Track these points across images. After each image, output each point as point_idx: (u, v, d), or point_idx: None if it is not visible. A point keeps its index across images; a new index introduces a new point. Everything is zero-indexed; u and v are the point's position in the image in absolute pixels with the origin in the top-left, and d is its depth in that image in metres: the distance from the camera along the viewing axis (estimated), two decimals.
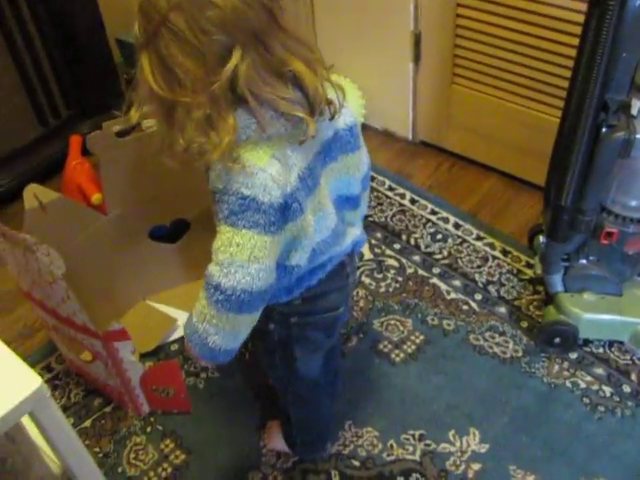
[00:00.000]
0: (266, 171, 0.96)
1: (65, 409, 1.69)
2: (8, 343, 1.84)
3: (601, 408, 1.56)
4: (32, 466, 1.00)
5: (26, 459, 0.98)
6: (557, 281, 1.66)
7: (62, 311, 1.45)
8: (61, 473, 1.03)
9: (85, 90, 2.41)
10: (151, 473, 1.55)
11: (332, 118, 1.05)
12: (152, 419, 1.65)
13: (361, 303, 1.85)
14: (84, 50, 2.35)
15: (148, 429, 1.63)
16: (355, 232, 1.24)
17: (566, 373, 1.63)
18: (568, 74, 1.54)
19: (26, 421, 0.93)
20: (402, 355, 1.72)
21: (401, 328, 1.78)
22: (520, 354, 1.69)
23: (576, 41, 1.48)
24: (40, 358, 1.81)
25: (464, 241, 1.99)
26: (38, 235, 1.31)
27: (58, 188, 1.76)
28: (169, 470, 1.55)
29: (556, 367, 1.65)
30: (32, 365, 1.76)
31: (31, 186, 1.59)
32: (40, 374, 1.75)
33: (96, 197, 1.79)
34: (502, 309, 1.80)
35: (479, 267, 1.91)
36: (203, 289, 1.02)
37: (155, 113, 1.02)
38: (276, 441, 1.55)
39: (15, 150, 2.27)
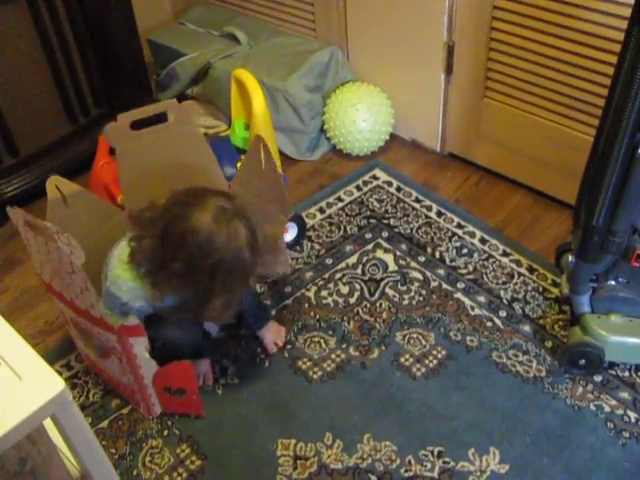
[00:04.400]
0: None
1: (83, 408, 1.68)
2: (29, 339, 1.86)
3: (626, 434, 1.53)
4: (51, 468, 0.99)
5: (46, 460, 0.97)
6: (584, 302, 1.64)
7: (80, 303, 1.45)
8: (80, 476, 1.03)
9: (115, 89, 2.42)
10: (166, 477, 1.54)
11: None
12: (169, 422, 1.64)
13: (384, 315, 1.83)
14: (116, 49, 2.36)
15: (165, 432, 1.62)
16: None
17: (590, 396, 1.61)
18: (603, 92, 1.52)
19: (47, 422, 0.92)
20: (423, 370, 1.70)
21: (423, 342, 1.76)
22: (543, 374, 1.66)
23: (613, 59, 1.45)
24: (60, 355, 1.81)
25: (490, 256, 1.97)
26: (59, 226, 1.31)
27: (85, 186, 1.76)
28: (184, 475, 1.54)
29: (580, 389, 1.62)
30: (52, 362, 1.78)
31: (53, 177, 1.61)
32: (59, 372, 1.77)
33: (122, 197, 1.79)
34: (526, 327, 1.77)
35: (504, 284, 1.89)
36: None
37: None
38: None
39: (44, 147, 2.28)
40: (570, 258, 1.66)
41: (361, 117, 2.28)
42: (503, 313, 1.81)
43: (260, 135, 1.66)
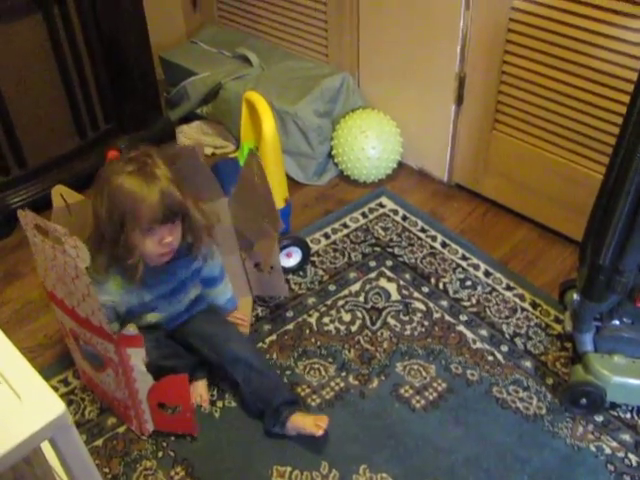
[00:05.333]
0: None
1: (79, 425, 1.67)
2: (28, 353, 1.86)
3: (627, 477, 1.51)
4: None
5: None
6: (587, 340, 1.63)
7: (81, 311, 1.44)
8: None
9: (125, 105, 2.43)
10: None
11: None
12: (164, 444, 1.62)
13: (385, 345, 1.82)
14: (128, 65, 2.37)
15: (160, 454, 1.61)
16: None
17: (591, 436, 1.59)
18: (614, 130, 1.53)
19: (44, 443, 0.91)
20: (423, 402, 1.68)
21: (424, 374, 1.75)
22: (544, 411, 1.65)
23: (625, 98, 1.46)
24: (58, 371, 1.80)
25: (494, 290, 1.96)
26: None
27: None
28: None
29: (580, 429, 1.61)
30: (49, 377, 1.77)
31: (58, 187, 1.62)
32: (56, 387, 1.75)
33: None
34: (528, 363, 1.76)
35: (507, 318, 1.88)
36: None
37: None
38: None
39: (52, 159, 2.28)
40: (575, 296, 1.65)
41: (370, 144, 2.28)
42: (505, 348, 1.80)
43: (254, 151, 1.68)
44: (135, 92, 2.44)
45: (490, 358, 1.78)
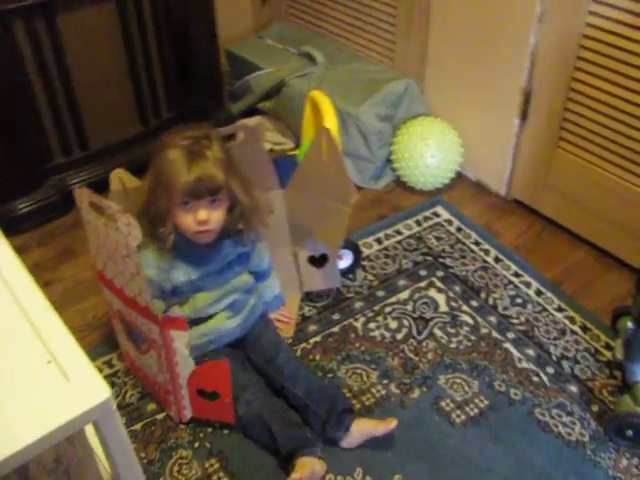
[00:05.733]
0: None
1: (119, 408, 1.69)
2: (76, 332, 1.88)
3: None
4: (85, 470, 0.99)
5: (81, 462, 0.97)
6: (638, 370, 1.59)
7: (129, 291, 1.47)
8: None
9: (189, 95, 2.45)
10: None
11: None
12: (201, 434, 1.63)
13: (429, 355, 1.80)
14: (195, 56, 2.39)
15: (196, 444, 1.62)
16: None
17: (635, 470, 1.55)
18: None
19: (88, 426, 0.92)
20: (463, 417, 1.66)
21: (466, 388, 1.72)
22: (586, 439, 1.61)
23: None
24: (103, 352, 1.82)
25: (544, 310, 1.93)
26: None
27: None
28: None
29: (624, 461, 1.56)
30: (94, 358, 1.79)
31: (118, 170, 1.66)
32: (100, 368, 1.78)
33: None
34: (573, 388, 1.72)
35: (555, 339, 1.84)
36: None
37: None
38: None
39: (113, 144, 2.32)
40: (629, 324, 1.61)
41: (430, 152, 2.26)
42: (551, 370, 1.77)
43: (325, 127, 1.67)
44: (200, 83, 2.46)
45: (535, 379, 1.74)
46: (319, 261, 1.89)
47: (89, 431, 1.06)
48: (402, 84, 2.36)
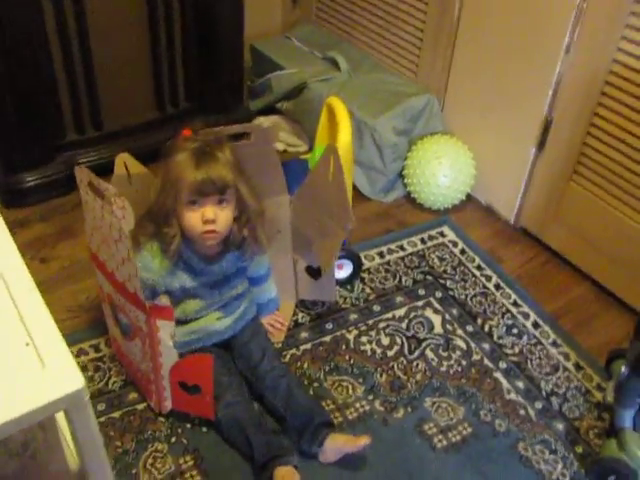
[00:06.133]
0: None
1: (100, 394, 1.68)
2: (66, 312, 1.87)
3: None
4: (53, 456, 0.97)
5: (49, 448, 0.95)
6: (627, 416, 1.56)
7: (119, 275, 1.45)
8: (77, 470, 1.01)
9: (209, 86, 2.43)
10: None
11: None
12: (179, 430, 1.61)
13: (418, 376, 1.78)
14: (219, 48, 2.37)
15: (173, 439, 1.60)
16: None
17: None
18: None
19: (59, 413, 0.90)
20: (445, 442, 1.64)
21: (451, 414, 1.70)
22: (567, 479, 1.59)
23: None
24: (92, 335, 1.81)
25: (539, 343, 1.90)
26: None
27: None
28: None
29: None
30: (82, 340, 1.78)
31: (123, 155, 1.63)
32: (86, 351, 1.76)
33: None
34: (560, 425, 1.70)
35: (547, 374, 1.82)
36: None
37: None
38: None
39: (127, 127, 2.30)
40: (622, 368, 1.58)
41: (442, 171, 2.24)
42: (539, 405, 1.74)
43: (334, 145, 1.65)
44: (221, 75, 2.44)
45: (522, 412, 1.72)
46: (316, 272, 1.87)
47: (60, 417, 1.04)
48: (423, 99, 2.34)
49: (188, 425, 1.63)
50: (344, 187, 1.67)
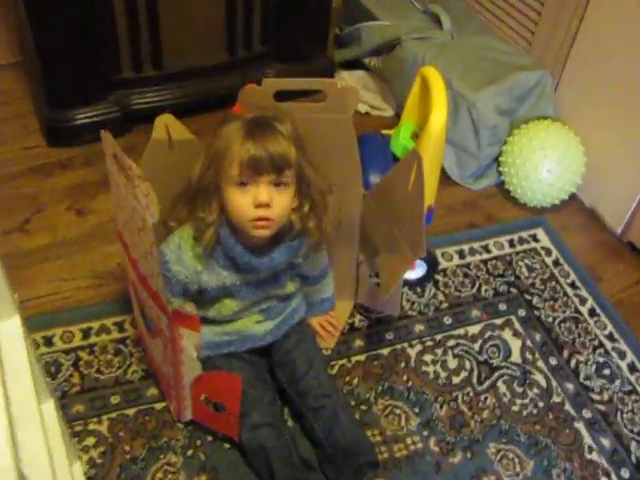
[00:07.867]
0: None
1: (116, 383, 1.47)
2: (95, 277, 1.64)
3: None
4: None
5: None
6: None
7: (142, 268, 1.21)
8: None
9: (289, 29, 2.13)
10: None
11: None
12: (198, 442, 1.39)
13: (485, 413, 1.50)
14: None
15: (189, 452, 1.37)
16: None
17: None
18: None
19: None
20: None
21: (517, 468, 1.42)
22: None
23: None
24: (117, 310, 1.59)
25: (634, 392, 1.59)
26: (156, 170, 1.21)
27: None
28: None
29: None
30: (106, 315, 1.55)
31: (164, 116, 1.35)
32: (109, 329, 1.53)
33: None
34: None
35: None
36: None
37: None
38: None
39: (191, 68, 2.03)
40: None
41: (546, 166, 1.90)
42: (626, 473, 1.44)
43: (419, 153, 1.33)
44: (304, 17, 2.13)
45: (603, 479, 1.43)
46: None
47: None
48: (535, 76, 1.99)
49: (209, 438, 1.40)
50: (422, 207, 1.33)
